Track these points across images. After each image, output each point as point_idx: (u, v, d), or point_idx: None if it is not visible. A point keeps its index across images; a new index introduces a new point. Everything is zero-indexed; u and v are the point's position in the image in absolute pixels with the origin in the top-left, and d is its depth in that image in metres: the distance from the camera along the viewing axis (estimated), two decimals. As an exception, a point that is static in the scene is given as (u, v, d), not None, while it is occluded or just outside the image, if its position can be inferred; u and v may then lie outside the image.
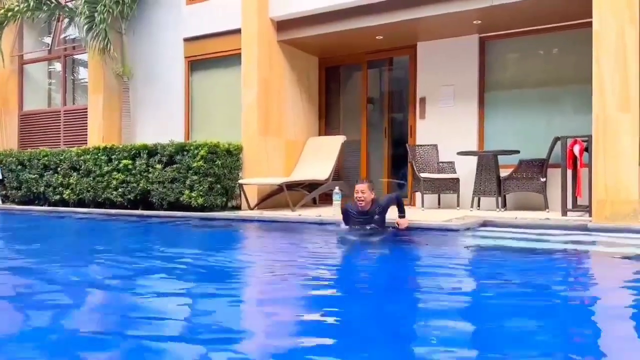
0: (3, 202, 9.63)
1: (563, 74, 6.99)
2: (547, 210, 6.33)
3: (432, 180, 7.08)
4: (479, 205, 6.92)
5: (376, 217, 4.97)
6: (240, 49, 7.85)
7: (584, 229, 5.07)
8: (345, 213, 5.19)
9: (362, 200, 4.92)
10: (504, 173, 6.72)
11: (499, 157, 6.80)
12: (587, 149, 5.60)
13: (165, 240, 5.63)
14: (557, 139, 6.10)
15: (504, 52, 7.43)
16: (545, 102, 7.09)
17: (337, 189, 7.06)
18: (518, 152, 6.75)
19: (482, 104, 7.42)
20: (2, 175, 9.60)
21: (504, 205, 6.84)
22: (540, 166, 6.46)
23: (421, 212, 6.77)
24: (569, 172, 5.85)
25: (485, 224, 5.54)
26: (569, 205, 5.87)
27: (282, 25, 7.86)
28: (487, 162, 6.75)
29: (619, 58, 5.17)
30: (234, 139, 7.69)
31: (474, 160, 6.96)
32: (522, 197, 6.90)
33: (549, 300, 2.80)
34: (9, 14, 9.47)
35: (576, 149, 5.72)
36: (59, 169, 8.77)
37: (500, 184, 6.66)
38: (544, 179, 6.40)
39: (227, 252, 4.89)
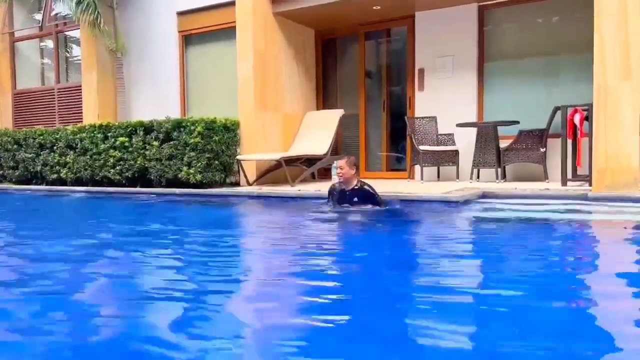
0: (0, 182, 9.59)
1: (563, 42, 6.88)
2: (547, 180, 6.32)
3: (431, 153, 7.05)
4: (478, 177, 6.91)
5: (355, 199, 4.83)
6: (235, 22, 7.70)
7: (584, 198, 5.06)
8: (331, 192, 5.13)
9: (341, 175, 4.84)
10: (503, 144, 6.68)
11: (498, 128, 6.75)
12: (588, 118, 5.55)
13: (165, 218, 5.62)
14: (557, 109, 6.05)
15: (504, 20, 7.30)
16: (545, 72, 7.00)
17: (335, 164, 7.02)
18: (518, 122, 6.69)
19: (481, 75, 7.33)
20: (-2, 155, 9.54)
21: (504, 176, 6.82)
22: (540, 136, 6.42)
23: (420, 184, 6.75)
24: (569, 142, 5.82)
25: (485, 195, 5.54)
26: (569, 175, 5.85)
27: (277, -3, 7.70)
28: (487, 134, 6.71)
29: (620, 25, 5.08)
30: (231, 114, 7.62)
31: (473, 131, 6.91)
32: (522, 168, 6.88)
33: (550, 271, 2.79)
34: None
35: (576, 119, 5.67)
36: (55, 147, 8.70)
37: (500, 155, 6.63)
38: (544, 149, 6.37)
39: (224, 227, 4.88)
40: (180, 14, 8.86)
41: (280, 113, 7.96)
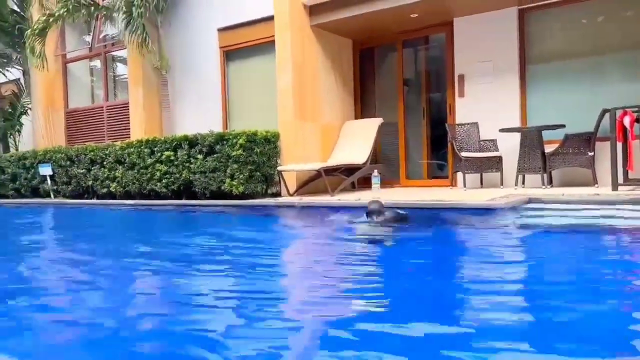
0: (54, 196, 10.05)
1: (609, 41, 6.65)
2: (596, 185, 6.10)
3: (473, 160, 6.93)
4: (523, 183, 6.73)
5: None
6: (273, 36, 7.85)
7: (638, 203, 4.86)
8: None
9: None
10: (549, 149, 6.49)
11: (543, 132, 6.57)
12: (639, 120, 5.34)
13: (214, 227, 5.75)
14: (605, 111, 5.84)
15: (545, 22, 7.14)
16: (590, 73, 6.78)
17: (375, 173, 7.02)
18: (563, 126, 6.50)
19: (523, 78, 7.17)
20: (53, 171, 10.01)
21: (550, 182, 6.63)
22: (588, 140, 6.21)
23: (463, 192, 6.65)
24: (619, 145, 5.60)
25: (530, 201, 5.39)
26: (620, 180, 5.63)
27: (314, 10, 7.80)
28: (531, 138, 6.55)
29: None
30: (270, 126, 7.74)
31: (516, 137, 6.76)
32: (569, 173, 6.67)
33: (606, 284, 2.70)
34: (51, 19, 9.80)
35: (626, 121, 5.46)
36: (105, 163, 9.06)
37: (546, 160, 6.45)
38: (592, 153, 6.16)
39: (269, 237, 4.95)
40: (221, 30, 9.11)
41: (318, 123, 8.03)
